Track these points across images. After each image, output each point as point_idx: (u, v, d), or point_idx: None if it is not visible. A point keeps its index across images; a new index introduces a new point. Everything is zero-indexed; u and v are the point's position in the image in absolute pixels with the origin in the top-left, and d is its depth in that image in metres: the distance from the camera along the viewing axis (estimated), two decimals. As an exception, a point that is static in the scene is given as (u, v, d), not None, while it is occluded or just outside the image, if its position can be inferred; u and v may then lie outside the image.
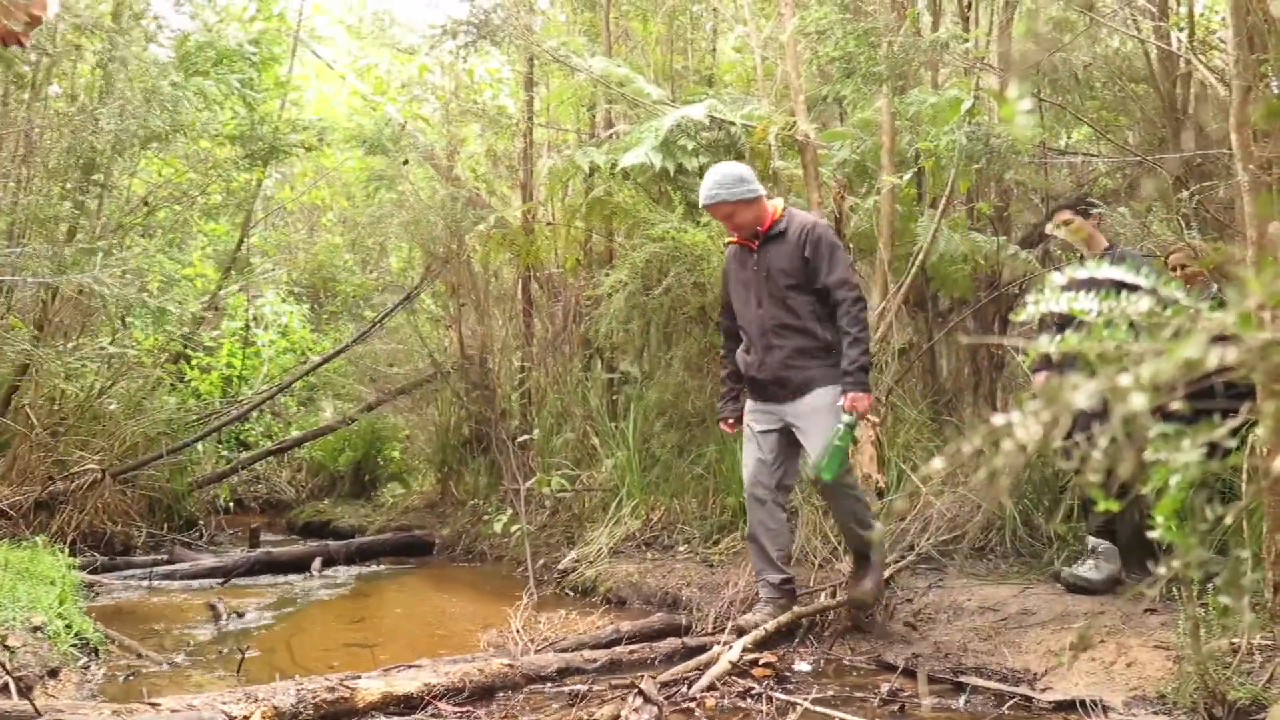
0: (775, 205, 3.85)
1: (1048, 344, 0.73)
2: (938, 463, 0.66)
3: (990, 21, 6.06)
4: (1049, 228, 4.15)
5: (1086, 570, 3.80)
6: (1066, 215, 4.12)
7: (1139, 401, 0.58)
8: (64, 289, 5.53)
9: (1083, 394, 0.58)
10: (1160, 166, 4.61)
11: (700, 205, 3.84)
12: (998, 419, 0.65)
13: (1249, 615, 0.87)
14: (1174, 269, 3.92)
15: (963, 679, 3.13)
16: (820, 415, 3.62)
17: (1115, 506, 0.82)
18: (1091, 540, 3.89)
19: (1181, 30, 4.86)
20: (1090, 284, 4.05)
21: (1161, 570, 0.79)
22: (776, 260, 3.73)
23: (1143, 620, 3.29)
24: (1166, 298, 0.69)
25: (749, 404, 3.90)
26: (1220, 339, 0.66)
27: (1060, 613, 3.56)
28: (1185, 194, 3.76)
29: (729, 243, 3.98)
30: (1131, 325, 0.76)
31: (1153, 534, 0.83)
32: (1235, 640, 2.65)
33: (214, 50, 6.59)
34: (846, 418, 3.49)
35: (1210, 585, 2.42)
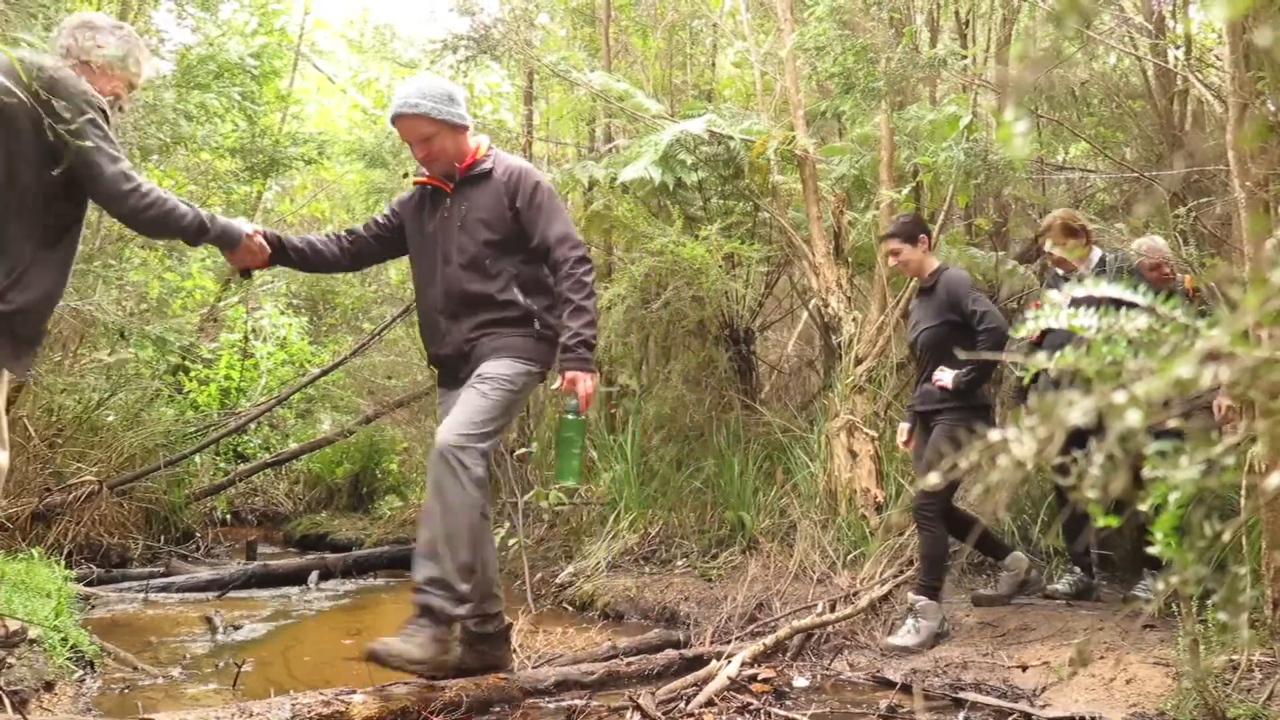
0: (480, 142, 3.21)
1: (1045, 360, 0.73)
2: (934, 477, 0.66)
3: (988, 38, 6.10)
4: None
5: (903, 637, 3.64)
6: (893, 245, 3.97)
7: (1134, 418, 0.58)
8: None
9: (1078, 411, 0.58)
10: (1157, 183, 4.63)
11: (390, 117, 3.10)
12: (994, 434, 0.65)
13: (1248, 632, 0.87)
14: (1149, 267, 3.91)
15: (961, 695, 3.12)
16: (485, 384, 2.95)
17: (1114, 522, 0.83)
18: (911, 597, 3.75)
19: (1178, 48, 4.89)
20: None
21: (1160, 586, 0.79)
22: (476, 209, 3.08)
23: (1142, 636, 3.29)
24: (1164, 315, 0.69)
25: (439, 394, 3.31)
26: (1215, 357, 0.67)
27: (1059, 628, 3.56)
28: (1182, 210, 3.78)
29: (416, 182, 3.28)
30: (1130, 342, 0.76)
31: (1151, 550, 0.83)
32: (1235, 657, 2.64)
33: (215, 64, 6.61)
34: (570, 404, 2.95)
35: (1209, 601, 2.43)
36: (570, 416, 2.97)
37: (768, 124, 5.42)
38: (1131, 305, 0.83)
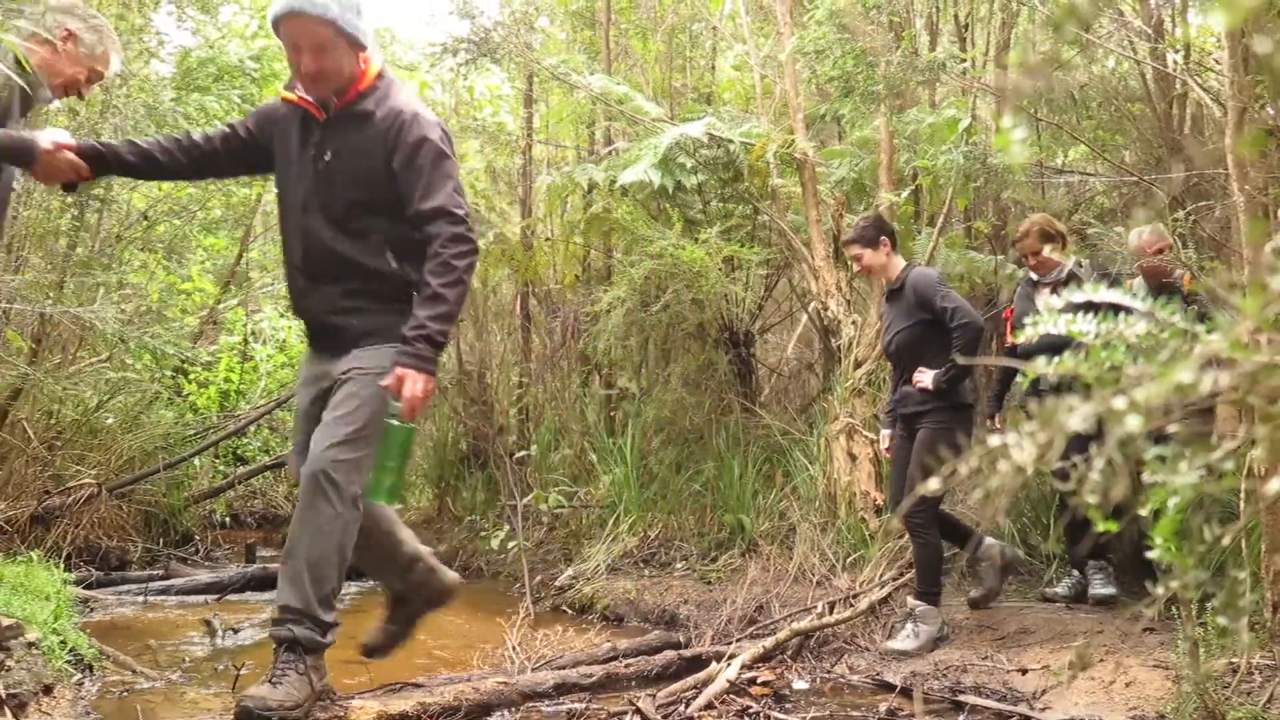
0: (374, 65, 2.65)
1: (1044, 365, 0.73)
2: (934, 483, 0.66)
3: (987, 42, 6.11)
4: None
5: (902, 641, 3.66)
6: (854, 250, 3.94)
7: (1134, 424, 0.58)
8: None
9: (1078, 417, 0.58)
10: (1156, 186, 4.63)
11: (278, 13, 2.48)
12: (994, 439, 0.65)
13: (1247, 635, 0.87)
14: (1152, 251, 3.88)
15: (961, 698, 3.12)
16: (360, 384, 2.55)
17: (1114, 527, 0.83)
18: (910, 602, 3.76)
19: (1177, 52, 4.89)
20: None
21: (1160, 590, 0.79)
22: (347, 156, 2.59)
23: (1141, 639, 3.29)
24: (1163, 320, 0.70)
25: (305, 357, 2.93)
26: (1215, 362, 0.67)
27: (1059, 631, 3.55)
28: (1181, 214, 3.78)
29: (285, 99, 2.70)
30: (1129, 347, 0.76)
31: (1151, 554, 0.83)
32: (1234, 660, 2.64)
33: (215, 66, 6.62)
34: (393, 406, 2.46)
35: (1209, 605, 2.42)
36: (394, 423, 2.46)
37: (767, 127, 5.43)
38: (1118, 309, 0.84)
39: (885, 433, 4.13)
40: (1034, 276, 4.19)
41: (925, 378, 3.73)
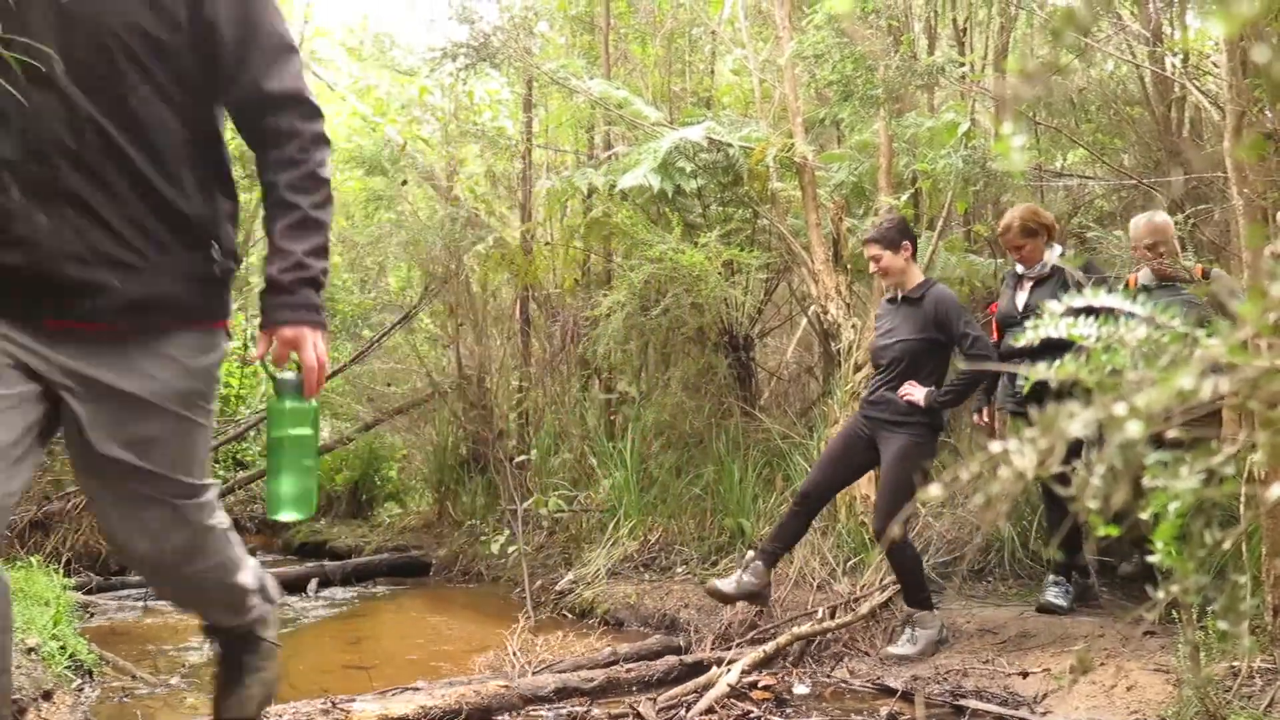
0: None
1: (1045, 370, 0.73)
2: (935, 489, 0.66)
3: (985, 46, 6.12)
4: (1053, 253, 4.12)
5: (902, 646, 3.68)
6: (874, 250, 3.89)
7: (1135, 430, 0.59)
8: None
9: (1079, 423, 0.58)
10: (1156, 189, 4.64)
11: None
12: (995, 445, 0.65)
13: (1248, 639, 0.87)
14: (1144, 248, 3.81)
15: (962, 702, 3.12)
16: (158, 385, 1.69)
17: (1114, 532, 0.83)
18: (907, 609, 3.77)
19: (1176, 55, 4.91)
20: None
21: (1160, 595, 0.79)
22: None
23: (1142, 643, 3.28)
24: (1164, 324, 0.70)
25: None
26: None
27: (1060, 635, 3.55)
28: (1181, 217, 3.79)
29: None
30: (1131, 352, 0.76)
31: (1152, 559, 0.83)
32: (1235, 664, 2.64)
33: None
34: (287, 381, 1.80)
35: (1209, 609, 2.42)
36: (287, 403, 1.79)
37: (767, 131, 5.44)
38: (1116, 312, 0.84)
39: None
40: (1019, 270, 4.13)
41: (917, 394, 3.70)
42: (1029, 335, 0.96)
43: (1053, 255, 4.03)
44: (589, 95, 5.84)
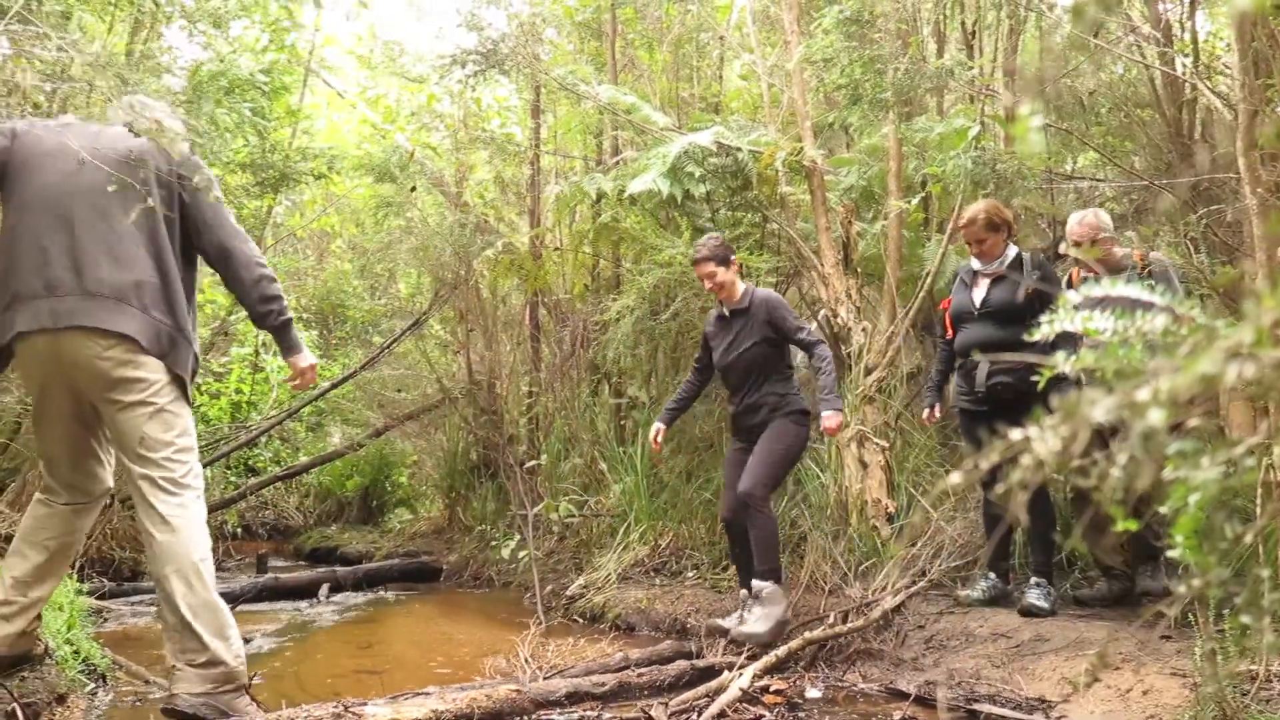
0: None
1: (1064, 362, 0.73)
2: (956, 477, 0.66)
3: (994, 48, 6.11)
4: (1063, 248, 4.11)
5: (754, 624, 3.77)
6: (709, 268, 4.08)
7: (1157, 417, 0.58)
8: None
9: (1101, 409, 0.58)
10: (1167, 190, 4.61)
11: None
12: (1015, 434, 0.65)
13: (1269, 637, 0.86)
14: (1085, 243, 3.82)
15: (976, 706, 3.10)
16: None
17: (1134, 526, 0.82)
18: (756, 585, 3.85)
19: (1186, 56, 4.89)
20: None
21: (1182, 589, 0.78)
22: None
23: (1159, 646, 3.26)
24: (1184, 315, 0.69)
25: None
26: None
27: (1074, 639, 3.53)
28: (1193, 217, 3.77)
29: None
30: (1148, 344, 0.76)
31: (1171, 553, 0.82)
32: (1253, 667, 2.61)
33: (226, 80, 6.66)
34: None
35: (1226, 611, 2.40)
36: None
37: (775, 135, 5.44)
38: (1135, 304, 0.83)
39: (658, 425, 4.37)
40: (975, 266, 4.11)
41: (832, 422, 3.90)
42: (1044, 329, 0.96)
43: (1010, 253, 4.00)
44: (597, 101, 5.86)
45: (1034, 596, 3.83)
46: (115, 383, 2.63)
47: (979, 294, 4.05)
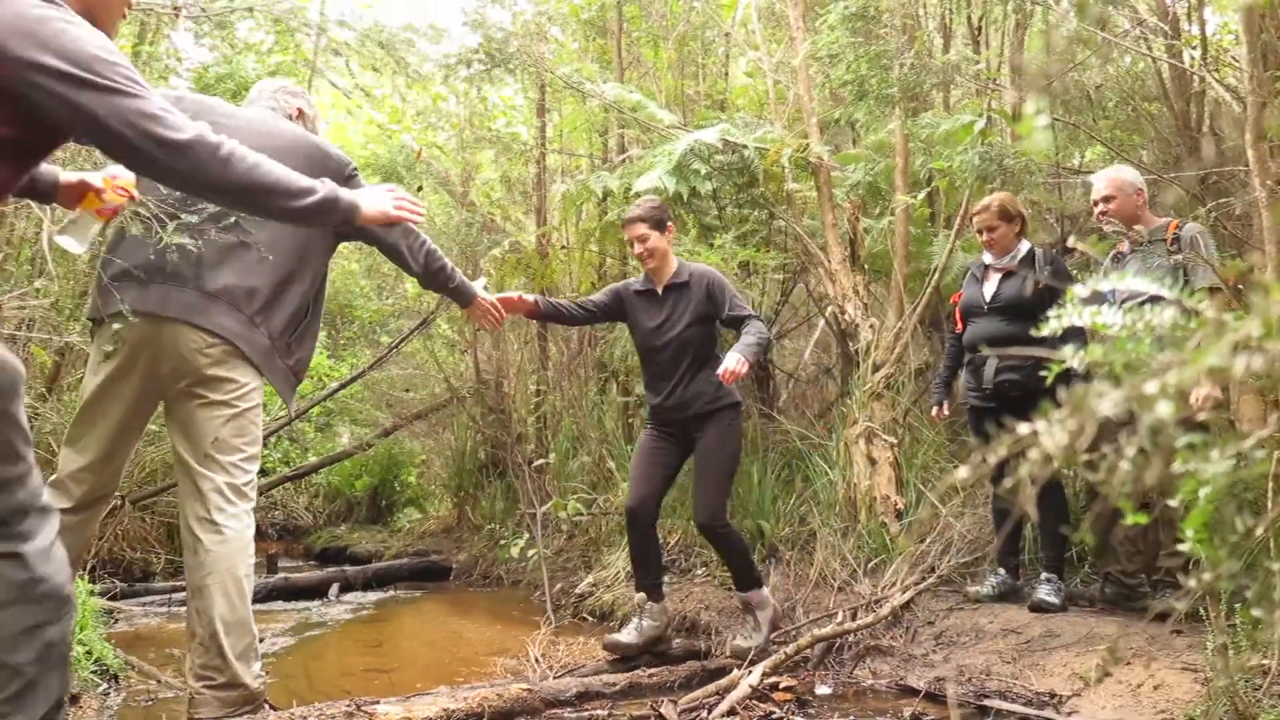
0: None
1: (1072, 354, 0.72)
2: (963, 472, 0.66)
3: (1001, 43, 6.09)
4: (1071, 241, 4.09)
5: (748, 638, 3.72)
6: (641, 230, 3.66)
7: (1166, 410, 0.58)
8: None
9: (1108, 402, 0.58)
10: (1176, 184, 4.59)
11: None
12: (1024, 427, 0.65)
13: (1281, 630, 0.86)
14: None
15: (986, 702, 3.09)
16: None
17: (1143, 519, 0.82)
18: (742, 596, 3.80)
19: (1194, 48, 4.86)
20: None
21: (1193, 583, 0.78)
22: None
23: (1170, 642, 3.25)
24: (1191, 308, 0.69)
25: None
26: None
27: (1084, 635, 3.52)
28: (1201, 211, 3.75)
29: None
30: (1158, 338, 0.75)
31: (1182, 546, 0.82)
32: (1265, 661, 2.60)
33: (233, 81, 6.69)
34: None
35: (1237, 606, 2.39)
36: None
37: (781, 132, 5.43)
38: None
39: (523, 296, 3.81)
40: (986, 260, 4.08)
41: (736, 365, 3.33)
42: (1052, 324, 0.96)
43: (1023, 248, 3.97)
44: (602, 99, 5.85)
45: (1044, 592, 3.82)
46: (207, 379, 2.63)
47: (989, 288, 4.03)
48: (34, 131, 1.77)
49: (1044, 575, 3.92)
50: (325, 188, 2.21)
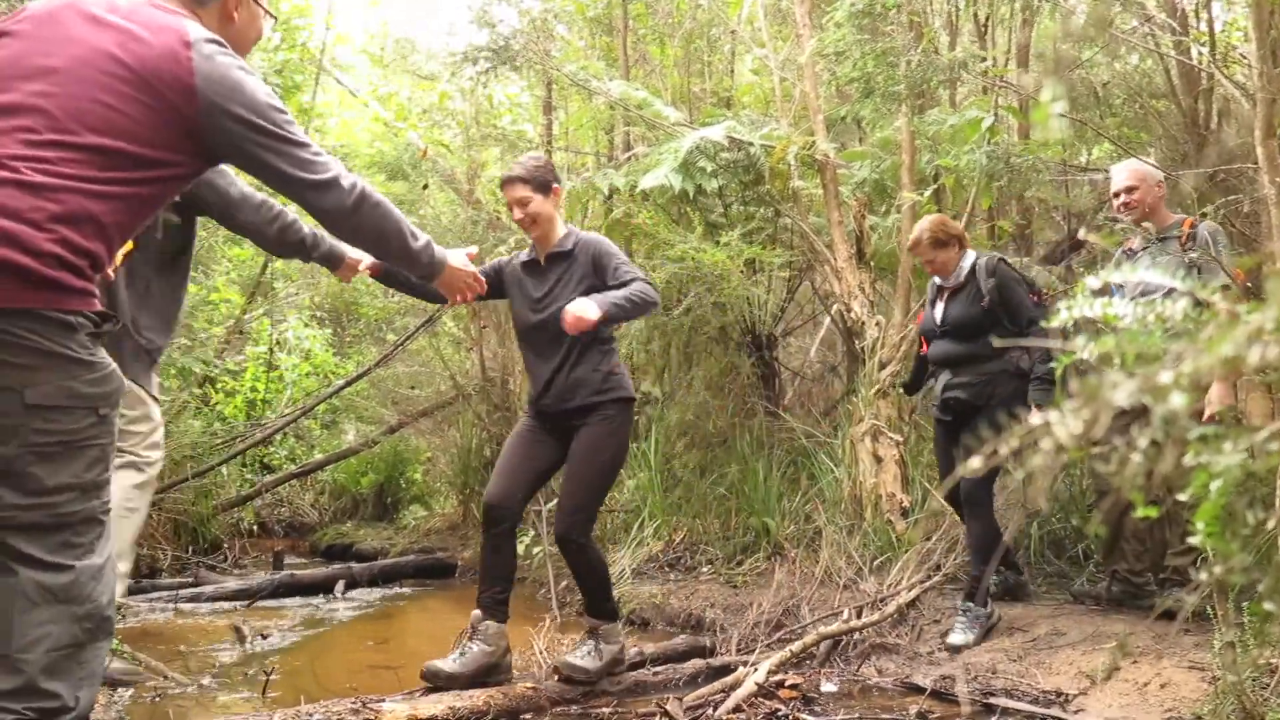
0: None
1: (1083, 345, 0.72)
2: (976, 462, 0.65)
3: (1008, 40, 6.08)
4: (1082, 233, 4.06)
5: (582, 658, 3.19)
6: (522, 192, 3.15)
7: (1179, 401, 0.58)
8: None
9: (1122, 393, 0.58)
10: (1184, 182, 4.58)
11: None
12: (1035, 418, 0.64)
13: (1291, 626, 0.86)
14: (1122, 191, 3.73)
15: (992, 700, 3.09)
16: None
17: (1154, 514, 0.82)
18: (591, 621, 3.29)
19: (1203, 45, 4.84)
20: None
21: (1203, 576, 0.78)
22: None
23: (1177, 640, 3.24)
24: (1203, 300, 0.69)
25: None
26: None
27: (1091, 633, 3.51)
28: (1210, 208, 3.73)
29: None
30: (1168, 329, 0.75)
31: (1193, 540, 0.82)
32: (1274, 659, 2.59)
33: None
34: None
35: (1245, 603, 2.38)
36: None
37: (787, 130, 5.42)
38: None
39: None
40: (937, 281, 4.01)
41: (590, 312, 2.94)
42: (1061, 316, 0.95)
43: (967, 262, 3.89)
44: (608, 97, 5.85)
45: (957, 629, 3.65)
46: None
47: (939, 311, 3.99)
48: (197, 169, 1.90)
49: (960, 606, 3.73)
50: (426, 236, 2.31)
